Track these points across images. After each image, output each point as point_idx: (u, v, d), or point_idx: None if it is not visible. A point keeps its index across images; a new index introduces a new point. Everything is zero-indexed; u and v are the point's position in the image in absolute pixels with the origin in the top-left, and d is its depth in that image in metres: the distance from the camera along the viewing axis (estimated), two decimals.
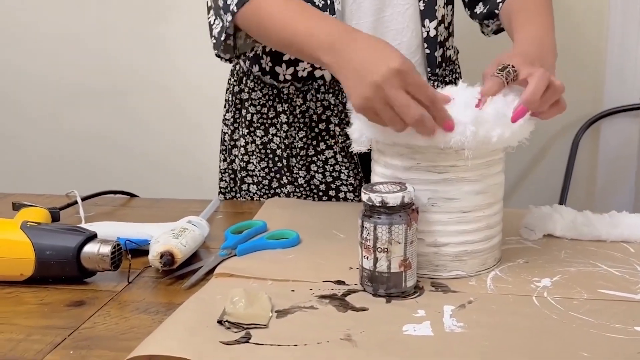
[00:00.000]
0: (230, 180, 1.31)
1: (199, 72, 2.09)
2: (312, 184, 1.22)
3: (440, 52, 1.16)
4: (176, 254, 0.90)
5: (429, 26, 1.13)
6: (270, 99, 1.21)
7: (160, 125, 2.22)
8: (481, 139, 0.81)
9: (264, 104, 1.22)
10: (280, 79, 1.18)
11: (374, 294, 0.82)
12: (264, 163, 1.24)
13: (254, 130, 1.23)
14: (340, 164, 1.20)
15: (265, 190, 1.25)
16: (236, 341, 0.72)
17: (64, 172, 2.28)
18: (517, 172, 2.01)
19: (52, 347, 0.73)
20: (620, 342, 0.71)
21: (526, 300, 0.81)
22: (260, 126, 1.22)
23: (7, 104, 2.31)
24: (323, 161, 1.20)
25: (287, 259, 0.94)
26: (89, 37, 2.18)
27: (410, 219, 0.81)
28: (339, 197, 1.22)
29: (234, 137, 1.28)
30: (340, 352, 0.69)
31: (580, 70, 1.90)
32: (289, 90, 1.18)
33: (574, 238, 0.98)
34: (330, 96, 1.17)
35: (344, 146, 1.19)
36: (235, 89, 1.26)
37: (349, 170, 1.20)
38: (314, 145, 1.20)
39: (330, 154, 1.20)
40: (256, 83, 1.22)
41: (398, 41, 1.12)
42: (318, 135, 1.20)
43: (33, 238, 0.89)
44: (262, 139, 1.23)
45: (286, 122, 1.20)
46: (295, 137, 1.20)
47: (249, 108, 1.23)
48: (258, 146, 1.23)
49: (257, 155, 1.24)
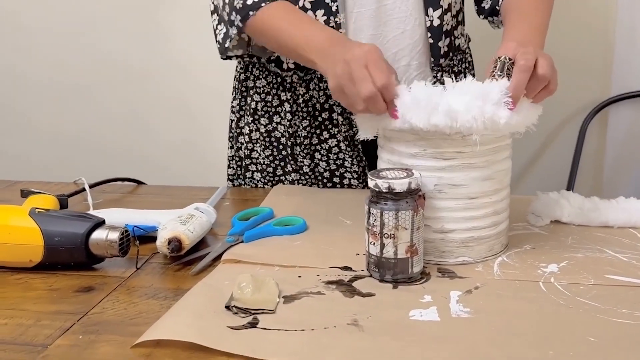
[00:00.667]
0: (237, 167, 1.31)
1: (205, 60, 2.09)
2: (316, 171, 1.22)
3: (447, 42, 1.15)
4: (184, 240, 0.91)
5: (432, 15, 1.11)
6: (274, 87, 1.21)
7: (167, 113, 2.22)
8: (489, 123, 0.81)
9: (268, 92, 1.22)
10: (284, 67, 1.18)
11: (380, 279, 0.83)
12: (268, 151, 1.24)
13: (259, 118, 1.23)
14: (343, 152, 1.20)
15: (269, 177, 1.26)
16: (244, 326, 0.72)
17: (72, 159, 2.28)
18: (525, 158, 2.00)
19: (61, 332, 0.74)
20: (627, 327, 0.71)
21: (533, 285, 0.81)
22: (265, 114, 1.23)
23: (16, 92, 2.32)
24: (327, 149, 1.21)
25: (294, 245, 0.94)
26: (99, 25, 2.18)
27: (417, 205, 0.81)
28: (344, 184, 1.22)
29: (239, 125, 1.28)
30: (347, 337, 0.70)
31: (588, 57, 1.89)
32: (292, 78, 1.18)
33: (581, 224, 0.98)
34: None
35: (347, 135, 1.19)
36: (242, 76, 1.26)
37: (352, 158, 1.20)
38: (317, 134, 1.20)
39: (333, 142, 1.20)
40: (261, 71, 1.22)
41: (401, 30, 1.12)
42: (321, 124, 1.20)
43: (42, 224, 0.89)
44: (267, 127, 1.23)
45: (290, 111, 1.20)
46: (299, 125, 1.20)
47: (254, 96, 1.23)
48: (262, 134, 1.24)
49: (262, 143, 1.24)
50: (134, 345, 0.70)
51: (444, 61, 1.16)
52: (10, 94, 2.33)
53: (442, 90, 0.83)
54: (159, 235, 0.92)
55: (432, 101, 0.82)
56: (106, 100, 2.25)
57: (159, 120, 2.23)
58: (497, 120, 0.81)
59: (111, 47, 2.19)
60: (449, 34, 1.16)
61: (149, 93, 2.21)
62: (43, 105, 2.31)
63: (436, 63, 1.15)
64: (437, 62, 1.15)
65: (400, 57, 1.13)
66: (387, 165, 0.89)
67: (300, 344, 0.69)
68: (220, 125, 2.15)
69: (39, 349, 0.71)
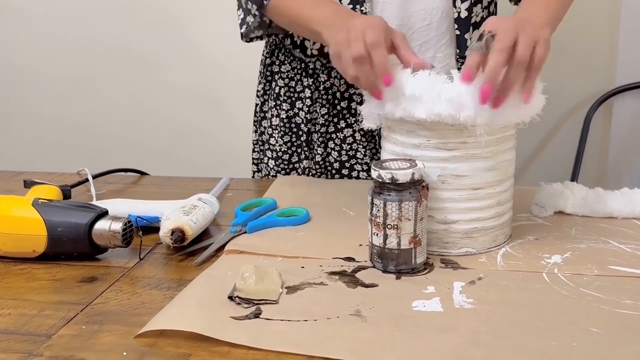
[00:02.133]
0: (260, 151, 1.31)
1: (210, 49, 2.09)
2: (327, 161, 1.23)
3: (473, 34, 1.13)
4: (187, 230, 0.91)
5: (460, 7, 1.10)
6: (298, 73, 1.22)
7: (171, 104, 2.22)
8: (492, 114, 0.81)
9: (292, 77, 1.22)
10: (308, 53, 1.18)
11: (383, 270, 0.83)
12: (287, 137, 1.24)
13: (281, 103, 1.24)
14: (357, 142, 1.20)
15: (284, 165, 1.26)
16: (246, 316, 0.72)
17: (75, 150, 2.29)
18: (529, 149, 2.00)
19: (64, 322, 0.74)
20: (631, 318, 0.71)
21: (536, 276, 0.81)
22: (287, 99, 1.23)
23: (20, 82, 2.32)
24: (341, 139, 1.21)
25: (297, 236, 0.94)
26: (102, 15, 2.18)
27: (420, 196, 0.80)
28: (352, 175, 1.22)
29: (263, 109, 1.29)
30: (350, 327, 0.70)
31: (593, 48, 1.88)
32: (315, 64, 1.19)
33: (585, 215, 0.98)
34: None
35: None
36: (267, 61, 1.27)
37: (365, 149, 1.20)
38: (334, 123, 1.21)
39: (349, 132, 1.20)
40: (286, 56, 1.23)
41: (427, 22, 1.11)
42: (339, 112, 1.20)
43: (45, 215, 0.89)
44: (288, 113, 1.24)
45: (310, 97, 1.20)
46: (319, 112, 1.20)
47: (278, 81, 1.24)
48: (283, 120, 1.24)
49: (281, 129, 1.25)
50: (137, 336, 0.70)
51: None
52: (14, 85, 2.33)
53: (446, 79, 0.83)
54: (162, 226, 0.92)
55: (435, 90, 0.81)
56: (109, 90, 2.25)
57: (162, 110, 2.23)
58: (497, 118, 0.81)
59: (114, 36, 2.19)
60: (477, 26, 1.14)
61: (153, 83, 2.21)
62: (46, 95, 2.31)
63: (461, 55, 1.14)
64: (462, 54, 1.13)
65: (425, 49, 1.12)
66: (390, 155, 0.88)
67: (303, 334, 0.69)
68: (224, 116, 2.15)
69: (43, 339, 0.71)
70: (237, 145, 1.85)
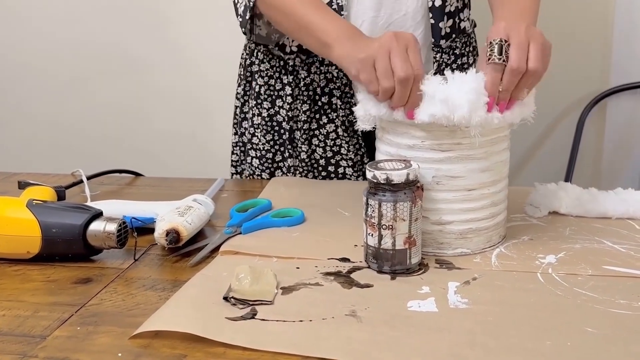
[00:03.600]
0: (240, 153, 1.31)
1: (204, 51, 2.09)
2: (312, 158, 1.22)
3: (450, 23, 1.15)
4: (182, 231, 0.91)
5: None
6: (277, 71, 1.21)
7: (165, 105, 2.22)
8: (484, 118, 0.81)
9: (271, 75, 1.22)
10: (287, 50, 1.18)
11: (378, 270, 0.83)
12: (269, 136, 1.24)
13: (261, 102, 1.24)
14: (341, 137, 1.20)
15: (268, 164, 1.26)
16: (242, 317, 0.72)
17: (70, 151, 2.28)
18: (524, 150, 2.00)
19: (59, 324, 0.74)
20: (625, 317, 0.71)
21: (531, 276, 0.81)
22: (267, 98, 1.23)
23: (14, 83, 2.31)
24: (324, 135, 1.21)
25: (292, 236, 0.94)
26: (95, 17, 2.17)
27: (415, 197, 0.81)
28: (338, 172, 1.22)
29: (244, 110, 1.29)
30: (345, 327, 0.70)
31: (587, 48, 1.89)
32: (294, 61, 1.19)
33: (579, 215, 0.98)
34: (334, 68, 1.17)
35: (345, 120, 1.19)
36: (247, 62, 1.27)
37: (349, 145, 1.20)
38: (316, 119, 1.21)
39: (331, 127, 1.20)
40: (265, 55, 1.22)
41: (403, 12, 1.12)
42: (321, 108, 1.20)
43: (39, 216, 0.89)
44: (269, 111, 1.23)
45: (290, 95, 1.20)
46: (300, 109, 1.20)
47: (258, 80, 1.24)
48: (264, 118, 1.24)
49: (263, 128, 1.24)
50: (132, 337, 0.70)
51: (445, 42, 1.16)
52: (8, 86, 2.32)
53: (441, 81, 0.83)
54: (157, 227, 0.92)
55: (430, 92, 0.82)
56: (103, 91, 2.25)
57: (156, 111, 2.23)
58: (491, 120, 0.82)
59: (108, 38, 2.19)
60: (452, 15, 1.15)
61: (147, 85, 2.21)
62: (40, 96, 2.31)
63: (436, 44, 1.15)
64: (437, 42, 1.15)
65: None
66: (384, 156, 0.88)
67: (299, 334, 0.69)
68: (218, 117, 2.15)
69: (37, 340, 0.71)
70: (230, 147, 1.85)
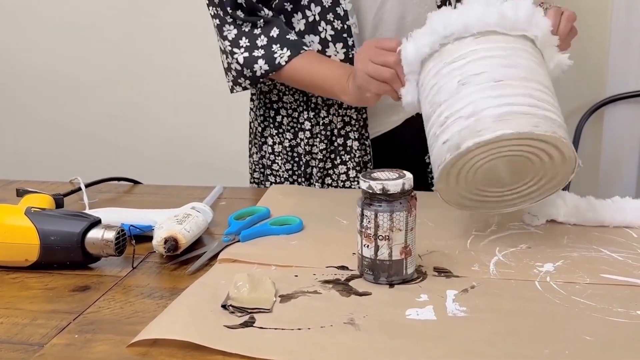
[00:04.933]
0: (260, 174, 1.32)
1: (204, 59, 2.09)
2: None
3: None
4: (180, 239, 0.91)
5: None
6: (300, 105, 1.22)
7: (164, 112, 2.22)
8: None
9: (295, 108, 1.23)
10: None
11: (374, 282, 0.82)
12: (289, 165, 1.26)
13: (283, 132, 1.25)
14: (351, 179, 1.21)
15: None
16: (240, 325, 0.72)
17: (68, 158, 2.28)
18: None
19: (57, 331, 0.74)
20: (622, 326, 0.71)
21: (529, 285, 0.81)
22: (290, 130, 1.24)
23: (13, 90, 2.32)
24: (337, 175, 1.22)
25: (291, 244, 0.94)
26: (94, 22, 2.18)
27: (410, 206, 0.80)
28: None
29: (264, 134, 1.28)
30: (344, 336, 0.70)
31: (584, 57, 1.89)
32: (317, 99, 1.20)
33: (577, 223, 0.99)
34: (352, 111, 1.19)
35: (360, 161, 1.20)
36: (264, 88, 1.25)
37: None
38: (331, 159, 1.22)
39: (343, 169, 1.21)
40: (287, 87, 1.22)
41: None
42: (336, 149, 1.21)
43: (37, 224, 0.89)
44: (291, 142, 1.24)
45: (310, 130, 1.21)
46: (318, 147, 1.21)
47: (280, 111, 1.24)
48: (285, 148, 1.25)
49: (284, 157, 1.26)
50: (130, 345, 0.70)
51: None
52: (7, 92, 2.32)
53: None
54: (155, 235, 0.92)
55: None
56: (102, 99, 2.25)
57: (155, 119, 2.23)
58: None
59: (108, 44, 2.19)
60: None
61: (146, 92, 2.21)
62: (39, 103, 2.31)
63: None
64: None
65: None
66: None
67: (297, 343, 0.69)
68: (217, 126, 2.15)
69: (35, 348, 0.71)
70: (231, 153, 1.85)
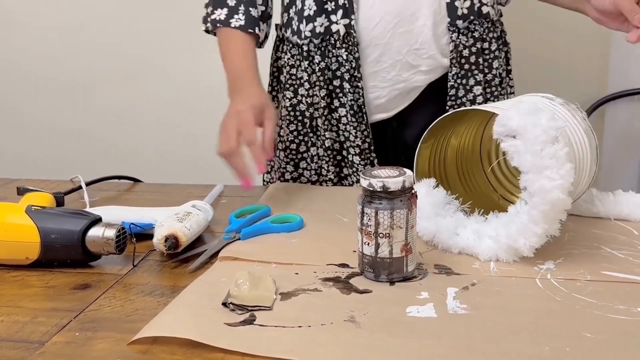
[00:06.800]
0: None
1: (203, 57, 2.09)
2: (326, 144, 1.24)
3: (467, 4, 1.16)
4: (181, 237, 0.91)
5: None
6: (297, 59, 1.24)
7: (164, 111, 2.22)
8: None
9: (292, 64, 1.25)
10: (302, 36, 1.20)
11: (375, 280, 0.82)
12: (292, 126, 1.27)
13: (285, 91, 1.26)
14: (350, 123, 1.21)
15: (292, 155, 1.28)
16: (241, 323, 0.72)
17: (68, 157, 2.28)
18: None
19: (58, 329, 0.74)
20: (623, 323, 0.71)
21: (529, 282, 0.81)
22: (290, 87, 1.26)
23: (13, 90, 2.32)
24: (337, 119, 1.22)
25: (291, 242, 0.94)
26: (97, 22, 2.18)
27: (410, 203, 0.80)
28: (347, 159, 1.24)
29: None
30: (344, 333, 0.70)
31: (586, 55, 1.89)
32: (309, 47, 1.21)
33: (573, 214, 0.98)
34: (343, 51, 1.18)
35: (354, 104, 1.20)
36: (274, 57, 1.31)
37: (357, 131, 1.21)
38: (329, 103, 1.23)
39: (343, 112, 1.21)
40: (287, 46, 1.25)
41: None
42: (332, 92, 1.22)
43: (38, 222, 0.89)
44: (292, 101, 1.25)
45: (307, 80, 1.22)
46: (319, 95, 1.22)
47: (283, 69, 1.27)
48: (287, 108, 1.26)
49: (287, 118, 1.27)
50: (131, 342, 0.70)
51: (462, 23, 1.17)
52: (7, 92, 2.33)
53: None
54: (156, 233, 0.92)
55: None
56: (102, 98, 2.25)
57: (155, 117, 2.23)
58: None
59: (108, 44, 2.19)
60: None
61: (146, 90, 2.21)
62: (39, 102, 2.31)
63: (452, 23, 1.16)
64: (453, 22, 1.16)
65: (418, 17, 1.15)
66: None
67: (297, 340, 0.69)
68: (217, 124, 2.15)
69: (36, 346, 0.71)
70: None
